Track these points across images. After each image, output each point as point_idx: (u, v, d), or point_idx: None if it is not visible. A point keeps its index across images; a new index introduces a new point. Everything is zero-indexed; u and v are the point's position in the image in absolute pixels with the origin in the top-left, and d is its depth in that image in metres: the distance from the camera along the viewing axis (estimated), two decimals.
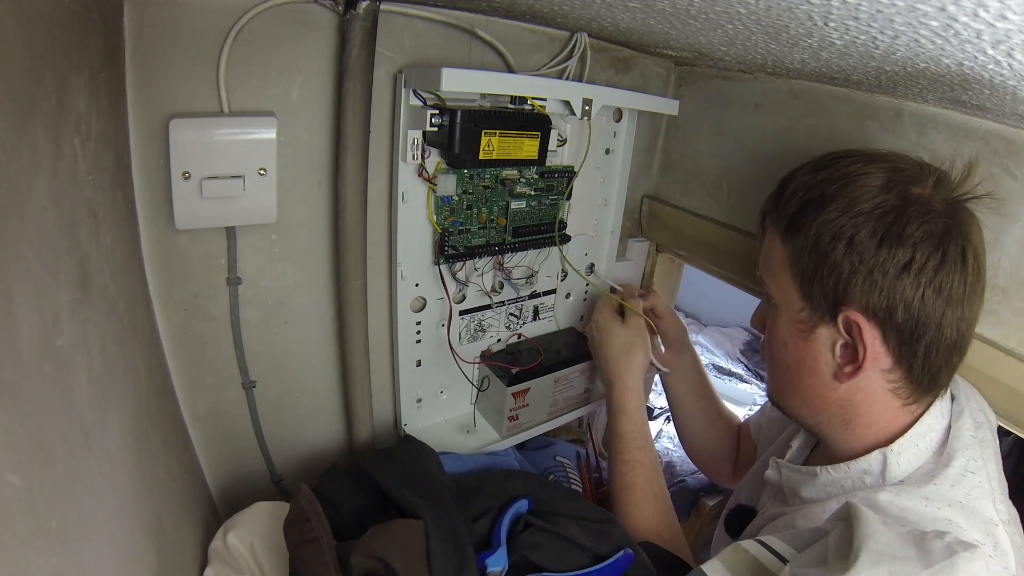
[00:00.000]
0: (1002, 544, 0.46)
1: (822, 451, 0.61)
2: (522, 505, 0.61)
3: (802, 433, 0.64)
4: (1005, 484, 0.54)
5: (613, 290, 0.87)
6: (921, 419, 0.52)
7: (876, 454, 0.52)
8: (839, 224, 0.49)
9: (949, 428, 0.53)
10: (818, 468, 0.56)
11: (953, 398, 0.55)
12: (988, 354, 0.59)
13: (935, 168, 0.51)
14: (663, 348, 0.87)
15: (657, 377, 0.91)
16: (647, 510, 0.69)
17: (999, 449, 0.56)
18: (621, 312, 0.82)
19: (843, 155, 0.53)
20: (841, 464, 0.54)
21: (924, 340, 0.49)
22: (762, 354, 0.64)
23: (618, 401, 0.76)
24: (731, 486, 0.96)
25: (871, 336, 0.49)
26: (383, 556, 0.49)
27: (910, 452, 0.51)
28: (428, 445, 0.69)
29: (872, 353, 0.50)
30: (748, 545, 0.45)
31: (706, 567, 0.45)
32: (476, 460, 0.74)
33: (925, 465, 0.51)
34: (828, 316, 0.51)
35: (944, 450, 0.51)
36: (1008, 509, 0.51)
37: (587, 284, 0.91)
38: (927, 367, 0.50)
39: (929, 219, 0.47)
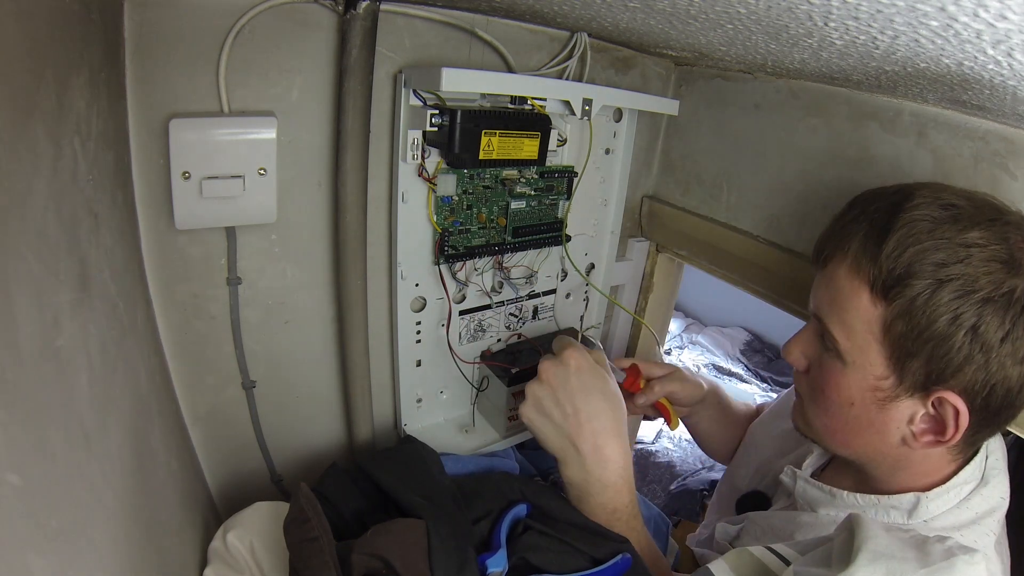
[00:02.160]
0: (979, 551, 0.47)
1: (845, 467, 0.59)
2: (521, 509, 0.61)
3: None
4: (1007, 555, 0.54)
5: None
6: (960, 472, 0.51)
7: (911, 496, 0.51)
8: (960, 309, 0.44)
9: (981, 481, 0.52)
10: (843, 492, 0.55)
11: (987, 454, 0.53)
12: None
13: None
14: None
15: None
16: None
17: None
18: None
19: (957, 204, 0.47)
20: (870, 495, 0.53)
21: (1006, 412, 0.47)
22: (799, 389, 0.58)
23: (615, 472, 0.59)
24: None
25: (965, 415, 0.46)
26: (384, 555, 0.49)
27: (941, 499, 0.51)
28: (429, 446, 0.69)
29: (962, 430, 0.46)
30: (754, 549, 0.45)
31: (712, 567, 0.45)
32: (476, 462, 0.73)
33: (952, 510, 0.51)
34: (918, 391, 0.47)
35: (973, 501, 0.51)
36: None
37: (587, 284, 0.91)
38: (992, 431, 0.50)
39: None
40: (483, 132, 0.63)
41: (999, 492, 0.52)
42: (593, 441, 0.59)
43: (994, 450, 0.54)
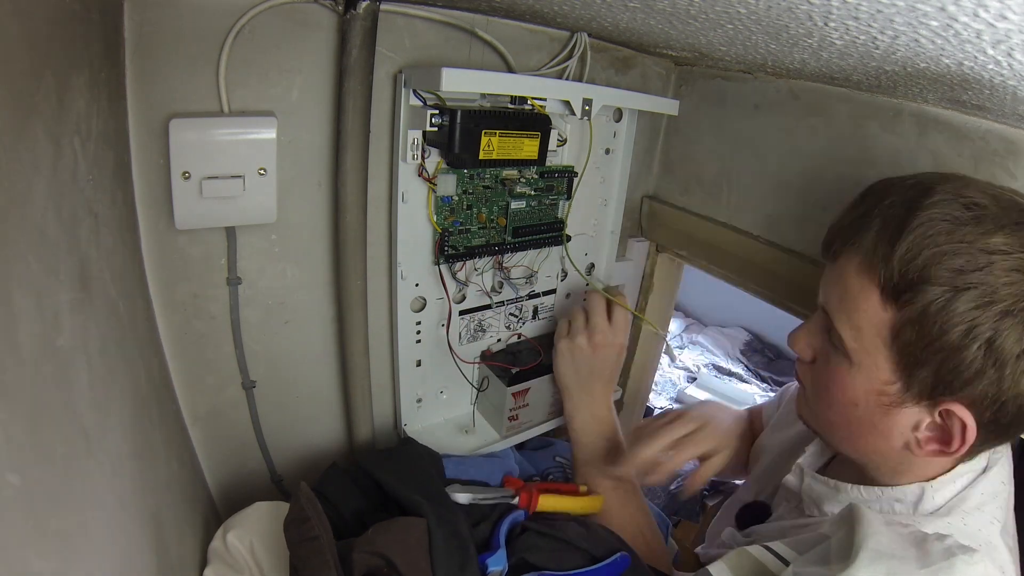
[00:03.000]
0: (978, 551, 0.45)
1: (846, 462, 0.59)
2: (520, 514, 0.62)
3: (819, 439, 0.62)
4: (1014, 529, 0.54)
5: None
6: (965, 462, 0.50)
7: (915, 488, 0.50)
8: (976, 320, 0.42)
9: (985, 469, 0.51)
10: (847, 486, 0.55)
11: None
12: None
13: None
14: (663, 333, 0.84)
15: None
16: (632, 507, 0.70)
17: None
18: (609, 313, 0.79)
19: (981, 203, 0.43)
20: (875, 488, 0.52)
21: (1016, 427, 0.46)
22: (803, 379, 0.57)
23: (606, 407, 0.76)
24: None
25: (972, 429, 0.44)
26: (386, 553, 0.49)
27: (947, 488, 0.50)
28: (430, 448, 0.70)
29: (968, 444, 0.45)
30: (753, 549, 0.45)
31: (711, 568, 0.45)
32: (477, 467, 0.73)
33: (955, 499, 0.50)
34: (925, 400, 0.46)
35: (977, 488, 0.50)
36: (1017, 555, 0.50)
37: (587, 284, 0.91)
38: (1000, 442, 0.48)
39: None
40: (483, 132, 0.63)
41: (1000, 477, 0.51)
42: (594, 390, 0.77)
43: (1000, 474, 0.53)
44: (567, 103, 0.68)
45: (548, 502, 0.65)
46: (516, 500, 0.64)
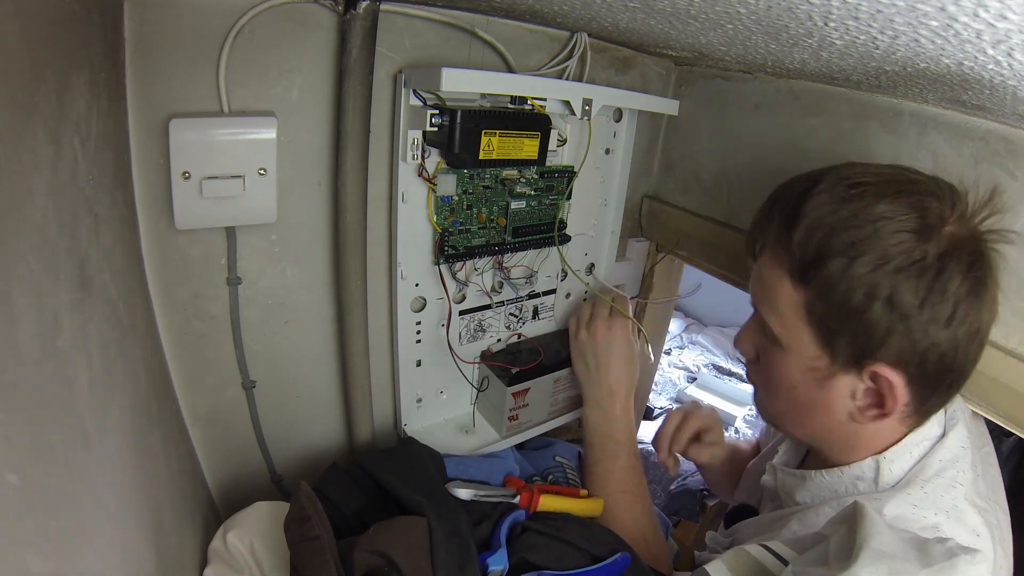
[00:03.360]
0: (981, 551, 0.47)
1: (817, 455, 0.61)
2: (520, 513, 0.62)
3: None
4: (1000, 487, 0.55)
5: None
6: (918, 429, 0.52)
7: (869, 461, 0.52)
8: (874, 281, 0.45)
9: (943, 436, 0.53)
10: (811, 472, 0.57)
11: (945, 409, 0.55)
12: (988, 354, 0.59)
13: (959, 195, 0.48)
14: (650, 353, 0.85)
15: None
16: (637, 512, 0.70)
17: (995, 459, 0.58)
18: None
19: (864, 182, 0.48)
20: (834, 469, 0.55)
21: (948, 379, 0.48)
22: (750, 379, 0.61)
23: (622, 409, 0.75)
24: None
25: (900, 386, 0.48)
26: (387, 552, 0.49)
27: (903, 459, 0.52)
28: (430, 447, 0.69)
29: (900, 402, 0.48)
30: (751, 548, 0.45)
31: (709, 567, 0.45)
32: (477, 467, 0.73)
33: (914, 470, 0.52)
34: (852, 367, 0.49)
35: (936, 456, 0.52)
36: (996, 514, 0.52)
37: (587, 288, 0.91)
38: (943, 399, 0.50)
39: (970, 273, 0.45)
40: (483, 132, 0.63)
41: (959, 442, 0.53)
42: (608, 385, 0.75)
43: (951, 401, 0.55)
44: (567, 103, 0.68)
45: (549, 502, 0.65)
46: (517, 500, 0.65)
